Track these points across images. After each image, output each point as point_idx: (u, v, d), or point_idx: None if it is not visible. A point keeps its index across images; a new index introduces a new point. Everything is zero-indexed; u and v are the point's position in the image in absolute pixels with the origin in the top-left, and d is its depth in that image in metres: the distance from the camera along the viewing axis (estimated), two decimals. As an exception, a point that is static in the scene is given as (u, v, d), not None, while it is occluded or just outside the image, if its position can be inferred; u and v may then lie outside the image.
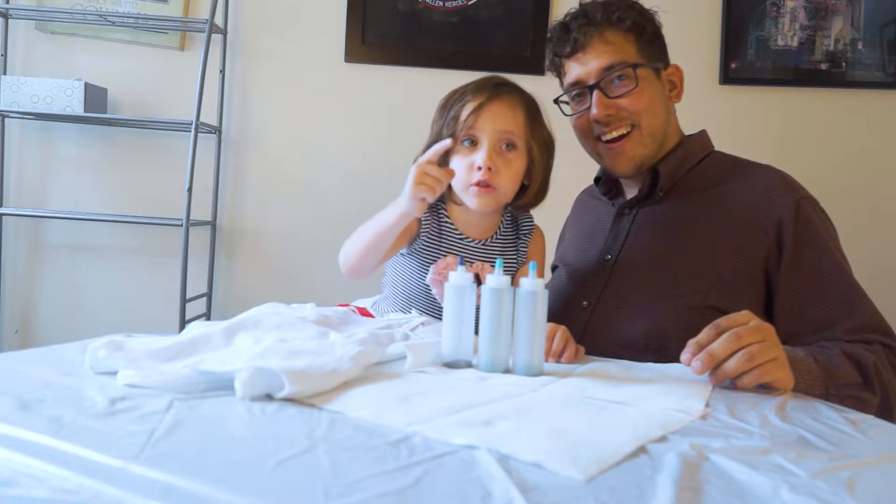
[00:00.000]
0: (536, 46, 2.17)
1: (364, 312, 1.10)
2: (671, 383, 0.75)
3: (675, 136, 1.16)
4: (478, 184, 1.03)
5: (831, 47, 2.12)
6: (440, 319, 0.91)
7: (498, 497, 0.42)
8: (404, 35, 2.18)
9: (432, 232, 1.09)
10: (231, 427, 0.54)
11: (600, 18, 1.08)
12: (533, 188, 1.09)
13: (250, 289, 2.23)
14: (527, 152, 1.07)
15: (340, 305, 1.14)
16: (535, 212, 1.15)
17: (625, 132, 1.09)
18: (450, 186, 1.07)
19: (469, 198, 1.06)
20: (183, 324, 1.95)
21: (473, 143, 1.05)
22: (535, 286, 0.77)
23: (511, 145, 1.05)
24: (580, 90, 1.12)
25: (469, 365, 0.80)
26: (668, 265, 1.05)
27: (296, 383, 0.61)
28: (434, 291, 1.08)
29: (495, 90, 1.07)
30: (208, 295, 2.21)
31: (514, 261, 1.13)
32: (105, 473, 0.42)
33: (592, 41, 1.09)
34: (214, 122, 2.17)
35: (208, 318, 2.18)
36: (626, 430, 0.55)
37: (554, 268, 1.31)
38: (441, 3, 2.17)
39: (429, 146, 1.05)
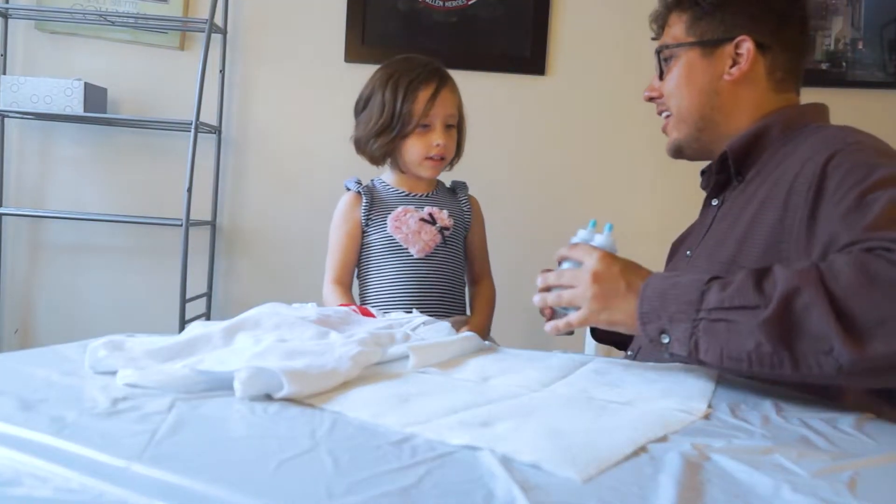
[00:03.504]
0: (536, 46, 2.17)
1: (365, 312, 1.10)
2: (673, 383, 0.74)
3: (740, 115, 1.01)
4: (432, 157, 1.32)
5: (831, 47, 2.13)
6: (432, 314, 1.05)
7: (500, 496, 0.42)
8: (404, 35, 2.18)
9: (376, 202, 1.36)
10: (234, 427, 0.54)
11: (661, 4, 1.07)
12: (461, 148, 1.41)
13: (250, 289, 2.23)
14: (458, 124, 1.38)
15: (342, 305, 1.14)
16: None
17: (665, 114, 1.08)
18: (396, 160, 1.36)
19: (424, 170, 1.35)
20: (183, 324, 1.95)
21: (427, 126, 1.31)
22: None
23: (452, 125, 1.35)
24: None
25: None
26: (718, 264, 0.92)
27: (295, 383, 0.61)
28: (398, 238, 1.32)
29: (441, 79, 1.32)
30: (208, 295, 2.21)
31: (459, 212, 1.42)
32: (108, 473, 0.42)
33: (662, 29, 1.08)
34: (214, 122, 2.17)
35: (208, 318, 2.18)
36: (626, 431, 0.55)
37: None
38: (441, 3, 2.17)
39: (381, 123, 1.30)
